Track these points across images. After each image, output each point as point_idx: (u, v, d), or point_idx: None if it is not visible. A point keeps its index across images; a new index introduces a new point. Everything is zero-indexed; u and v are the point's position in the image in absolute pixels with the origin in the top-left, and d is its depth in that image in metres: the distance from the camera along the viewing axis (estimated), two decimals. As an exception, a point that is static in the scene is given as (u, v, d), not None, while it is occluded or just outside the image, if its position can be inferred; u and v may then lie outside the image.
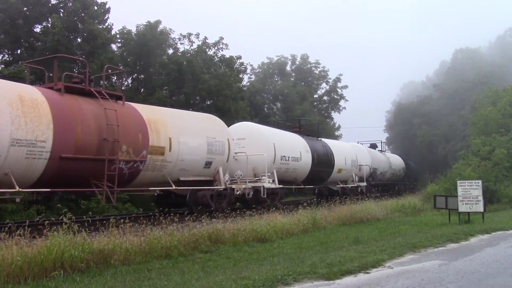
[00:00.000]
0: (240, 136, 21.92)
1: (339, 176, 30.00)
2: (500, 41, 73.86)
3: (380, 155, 40.22)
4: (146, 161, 15.38)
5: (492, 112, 37.69)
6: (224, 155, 18.94)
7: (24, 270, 8.40)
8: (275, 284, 8.01)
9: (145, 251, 10.63)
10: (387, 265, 9.87)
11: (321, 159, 27.27)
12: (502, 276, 8.92)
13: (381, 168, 38.60)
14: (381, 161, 38.91)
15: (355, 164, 31.78)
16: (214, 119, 20.17)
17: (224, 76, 36.05)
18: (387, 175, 40.68)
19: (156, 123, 16.12)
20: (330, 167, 28.67)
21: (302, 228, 15.86)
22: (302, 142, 26.01)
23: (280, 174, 22.69)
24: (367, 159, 34.36)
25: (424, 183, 37.01)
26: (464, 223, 17.78)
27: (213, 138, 18.41)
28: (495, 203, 26.19)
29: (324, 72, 57.54)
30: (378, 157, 38.74)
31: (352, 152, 32.21)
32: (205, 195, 17.99)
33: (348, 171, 30.90)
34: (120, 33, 33.78)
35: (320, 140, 29.30)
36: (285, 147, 23.53)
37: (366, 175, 33.27)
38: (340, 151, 30.47)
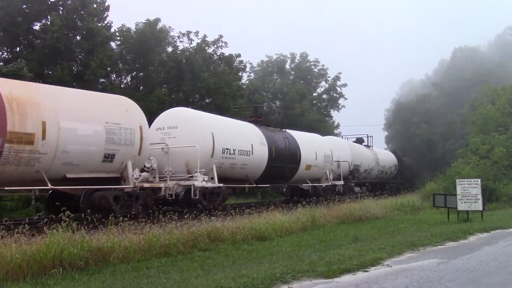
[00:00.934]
0: (172, 124, 18.42)
1: (308, 173, 25.97)
2: (500, 40, 73.92)
3: (365, 151, 36.77)
4: (3, 151, 11.74)
5: (491, 110, 37.71)
6: (134, 146, 15.06)
7: (23, 268, 8.41)
8: (274, 282, 8.02)
9: (144, 249, 10.64)
10: (386, 263, 9.88)
11: (282, 154, 23.27)
12: (501, 275, 8.94)
13: (366, 165, 34.80)
14: (366, 157, 35.33)
15: (330, 159, 27.83)
16: (119, 101, 15.96)
17: (223, 74, 36.01)
18: (374, 172, 37.21)
19: (23, 102, 12.29)
20: (294, 163, 24.63)
21: (301, 227, 15.89)
22: (256, 133, 22.09)
23: (223, 171, 19.16)
24: (346, 154, 30.70)
25: (423, 182, 36.93)
26: (463, 222, 17.80)
27: (117, 125, 14.47)
28: (494, 201, 26.23)
29: (324, 71, 57.51)
30: (362, 153, 35.21)
31: (325, 146, 28.09)
32: (105, 196, 14.25)
33: (320, 168, 26.93)
34: (119, 31, 33.73)
35: (283, 132, 25.47)
36: (230, 138, 19.61)
37: (345, 172, 29.96)
38: (309, 144, 26.40)
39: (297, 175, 25.18)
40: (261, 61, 57.19)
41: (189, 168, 17.63)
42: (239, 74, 41.09)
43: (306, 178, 26.09)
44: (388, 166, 41.30)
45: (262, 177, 22.11)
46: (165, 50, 36.56)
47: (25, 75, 20.90)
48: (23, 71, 21.88)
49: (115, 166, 14.71)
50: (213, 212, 16.52)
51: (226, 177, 19.49)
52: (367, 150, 37.13)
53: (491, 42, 76.09)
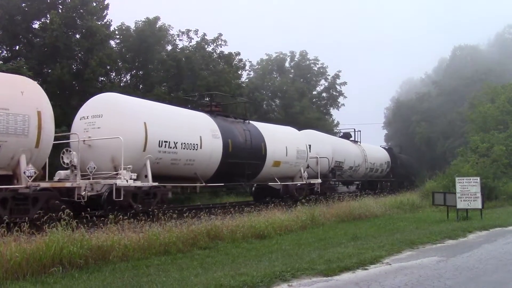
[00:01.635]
0: (97, 113, 15.63)
1: (277, 170, 22.98)
2: (499, 38, 73.80)
3: (351, 147, 33.61)
4: None
5: (490, 109, 37.73)
6: (29, 137, 12.50)
7: (23, 266, 8.43)
8: (274, 281, 8.03)
9: (144, 248, 10.66)
10: (385, 261, 9.90)
11: (242, 148, 20.39)
12: (500, 273, 8.96)
13: (351, 162, 31.75)
14: (351, 154, 32.17)
15: (305, 155, 24.91)
16: (12, 81, 13.18)
17: (223, 73, 35.97)
18: (362, 170, 34.34)
19: None
20: (258, 159, 21.54)
21: (301, 225, 15.91)
22: (208, 124, 19.10)
23: (162, 168, 16.37)
24: (326, 150, 27.77)
25: (422, 180, 36.92)
26: (462, 220, 17.82)
27: (3, 110, 12.02)
28: (493, 199, 26.25)
29: (323, 69, 57.41)
30: (347, 149, 32.08)
31: (299, 141, 25.10)
32: None
33: (292, 165, 23.96)
34: (119, 29, 33.68)
35: (246, 123, 22.40)
36: (170, 129, 16.70)
37: (324, 170, 27.18)
38: (278, 138, 23.37)
39: (263, 173, 22.24)
40: (260, 59, 57.09)
41: (116, 164, 14.94)
42: (239, 73, 41.05)
43: (275, 176, 22.86)
44: (379, 163, 38.51)
45: (216, 175, 19.18)
46: (165, 48, 36.50)
47: (24, 73, 20.89)
48: (23, 69, 21.88)
49: (3, 162, 12.19)
50: (212, 211, 16.50)
51: (167, 175, 16.73)
52: (353, 146, 34.22)
53: (491, 41, 75.98)
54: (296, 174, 24.71)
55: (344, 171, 30.75)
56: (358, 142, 36.09)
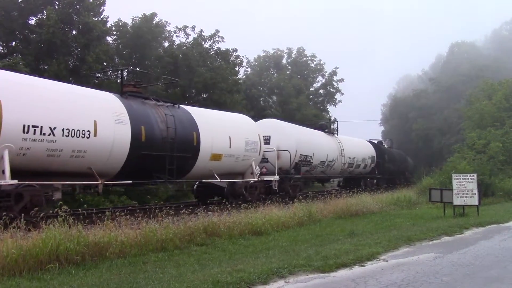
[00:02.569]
0: None
1: (217, 165, 19.01)
2: (496, 35, 73.99)
3: (323, 139, 29.33)
4: None
5: (487, 105, 37.83)
6: None
7: (19, 263, 8.40)
8: (271, 277, 8.03)
9: (141, 244, 10.64)
10: (382, 258, 9.92)
11: (161, 137, 16.38)
12: (496, 269, 8.98)
13: (322, 156, 27.57)
14: (322, 147, 27.88)
15: (256, 147, 21.15)
16: None
17: (220, 69, 35.95)
18: (338, 165, 30.14)
19: None
20: (187, 151, 17.48)
21: (298, 221, 15.91)
22: (110, 106, 15.16)
23: (32, 160, 12.69)
24: (288, 142, 23.67)
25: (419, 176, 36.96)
26: (459, 216, 17.86)
27: None
28: (490, 196, 26.34)
29: (320, 66, 57.45)
30: (317, 141, 27.78)
31: (248, 130, 21.30)
32: None
33: (239, 159, 20.13)
34: (116, 25, 33.62)
35: (174, 107, 18.12)
36: (43, 110, 12.86)
37: (285, 165, 23.50)
38: (219, 127, 19.52)
39: (198, 168, 18.28)
40: (257, 56, 57.15)
41: None
42: (236, 69, 41.04)
43: (216, 173, 18.90)
44: (361, 158, 34.24)
45: (125, 171, 15.36)
46: (162, 45, 36.47)
47: (21, 69, 20.82)
48: (19, 65, 21.81)
49: None
50: (209, 207, 16.48)
51: (46, 170, 13.26)
52: (327, 139, 29.97)
53: (488, 37, 76.16)
54: (246, 170, 21.01)
55: (314, 167, 26.84)
56: (335, 134, 31.83)
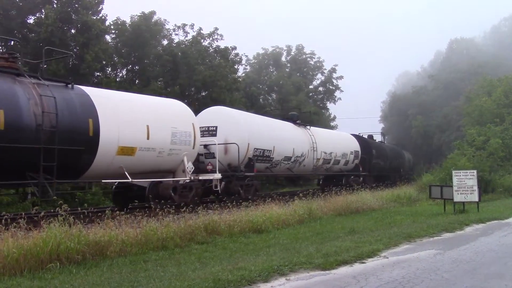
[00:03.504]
0: None
1: (129, 162, 15.14)
2: (495, 31, 73.86)
3: (290, 131, 25.33)
4: None
5: (487, 102, 37.83)
6: None
7: (20, 262, 8.40)
8: (272, 275, 8.04)
9: (141, 243, 10.64)
10: (382, 255, 9.92)
11: (33, 125, 12.60)
12: (496, 265, 8.99)
13: (287, 151, 23.78)
14: (286, 140, 24.05)
15: (188, 139, 17.47)
16: None
17: (219, 67, 35.94)
18: (308, 161, 26.05)
19: None
20: (80, 143, 13.58)
21: (298, 219, 15.92)
22: None
23: None
24: (238, 133, 20.23)
25: (419, 173, 36.93)
26: (459, 213, 17.87)
27: None
28: (490, 192, 26.35)
29: (320, 63, 57.48)
30: (278, 132, 23.79)
31: (178, 118, 17.45)
32: None
33: (164, 153, 16.44)
34: (114, 24, 33.57)
35: (65, 88, 14.28)
36: None
37: (233, 160, 20.11)
38: (131, 113, 15.49)
39: (99, 166, 14.39)
40: (257, 53, 57.18)
41: None
42: (235, 67, 41.04)
43: (128, 171, 15.01)
44: (340, 153, 29.91)
45: None
46: (161, 43, 36.44)
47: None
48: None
49: None
50: (210, 205, 16.51)
51: None
52: (294, 131, 25.84)
53: (487, 34, 76.06)
54: (178, 167, 17.42)
55: (276, 163, 23.17)
56: (307, 126, 27.67)
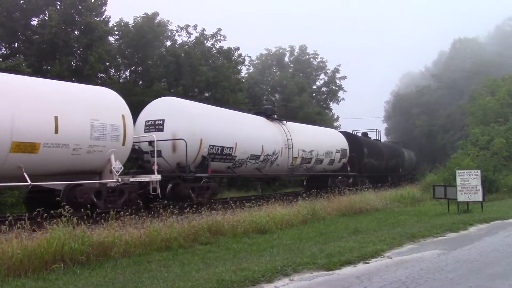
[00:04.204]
0: None
1: (31, 160, 12.53)
2: (499, 31, 73.72)
3: (260, 126, 22.51)
4: None
5: (490, 101, 37.75)
6: None
7: (25, 263, 8.42)
8: (275, 275, 8.04)
9: (145, 243, 10.66)
10: (386, 255, 9.91)
11: None
12: (501, 265, 8.97)
13: (254, 148, 20.85)
14: (254, 136, 21.13)
15: (116, 134, 14.78)
16: None
17: (222, 68, 35.93)
18: (282, 160, 22.92)
19: None
20: None
21: (302, 219, 15.91)
22: None
23: None
24: (189, 126, 17.51)
25: (423, 173, 36.83)
26: (463, 213, 17.83)
27: None
28: (494, 192, 26.27)
29: (323, 63, 57.44)
30: (243, 127, 20.88)
31: (99, 108, 14.62)
32: None
33: (82, 150, 13.76)
34: (118, 25, 33.62)
35: None
36: None
37: (180, 159, 17.29)
38: (30, 100, 12.77)
39: None
40: (260, 54, 57.20)
41: None
42: (238, 68, 41.03)
43: (29, 171, 12.36)
44: (323, 151, 26.61)
45: None
46: (164, 44, 36.46)
47: (23, 70, 20.86)
48: (22, 66, 21.85)
49: None
50: (214, 206, 16.53)
51: None
52: (265, 126, 22.85)
53: (491, 33, 75.93)
54: (105, 167, 14.77)
55: (240, 162, 20.33)
56: (284, 122, 24.63)
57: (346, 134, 31.66)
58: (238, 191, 30.15)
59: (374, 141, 37.80)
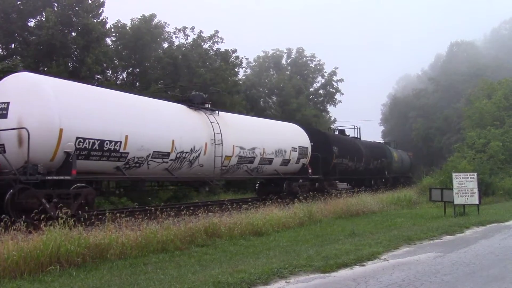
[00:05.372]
0: None
1: None
2: (495, 34, 74.04)
3: (172, 114, 17.65)
4: None
5: (487, 105, 37.87)
6: None
7: (20, 265, 8.40)
8: (271, 277, 8.04)
9: (142, 245, 10.64)
10: (382, 257, 9.92)
11: None
12: (497, 268, 8.99)
13: (159, 143, 16.10)
14: (154, 126, 16.13)
15: None
16: None
17: (220, 70, 35.96)
18: (207, 159, 18.20)
19: None
20: None
21: (298, 222, 15.90)
22: None
23: None
24: (40, 110, 12.91)
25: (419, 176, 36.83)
26: (460, 216, 17.86)
27: None
28: (490, 195, 26.35)
29: (320, 66, 57.46)
30: (137, 114, 15.77)
31: None
32: None
33: None
34: (115, 27, 33.63)
35: None
36: None
37: (36, 157, 12.59)
38: None
39: None
40: (257, 56, 57.19)
41: None
42: (236, 70, 41.04)
43: None
44: (273, 149, 21.80)
45: None
46: (161, 46, 36.48)
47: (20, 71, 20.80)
48: (19, 67, 21.80)
49: None
50: (210, 208, 16.50)
51: None
52: (182, 116, 18.07)
53: (487, 37, 76.24)
54: None
55: (135, 162, 15.42)
56: (216, 112, 19.88)
57: (310, 130, 26.93)
58: (235, 194, 30.01)
59: (350, 139, 33.42)
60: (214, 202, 21.59)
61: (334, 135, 31.59)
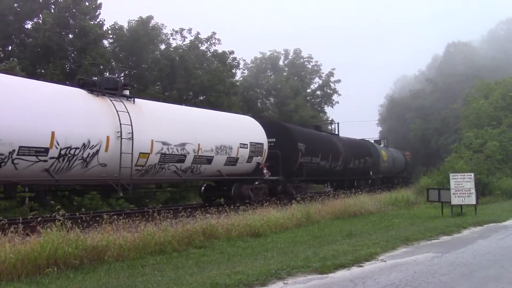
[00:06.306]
0: None
1: None
2: (492, 35, 74.17)
3: (55, 97, 13.45)
4: None
5: (484, 105, 37.94)
6: None
7: (18, 267, 8.38)
8: (269, 279, 8.03)
9: (139, 247, 10.62)
10: (380, 258, 9.92)
11: None
12: (494, 268, 9.00)
13: (30, 137, 12.12)
14: (23, 114, 12.04)
15: None
16: None
17: (217, 71, 35.99)
18: (110, 158, 14.15)
19: None
20: None
21: (296, 223, 15.89)
22: None
23: None
24: None
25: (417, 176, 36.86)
26: (457, 216, 17.87)
27: None
28: (487, 195, 26.36)
29: (317, 67, 57.54)
30: None
31: None
32: None
33: None
34: (112, 28, 33.63)
35: None
36: None
37: None
38: None
39: None
40: (254, 57, 57.26)
41: None
42: (233, 71, 41.07)
43: None
44: (215, 146, 18.18)
45: None
46: (158, 47, 36.49)
47: (17, 74, 20.80)
48: (16, 70, 21.79)
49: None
50: (208, 209, 16.47)
51: None
52: (76, 101, 14.06)
53: (484, 37, 76.38)
54: None
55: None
56: (130, 99, 15.89)
57: (269, 124, 23.52)
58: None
59: (324, 135, 29.75)
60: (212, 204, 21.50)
61: (301, 130, 26.71)
